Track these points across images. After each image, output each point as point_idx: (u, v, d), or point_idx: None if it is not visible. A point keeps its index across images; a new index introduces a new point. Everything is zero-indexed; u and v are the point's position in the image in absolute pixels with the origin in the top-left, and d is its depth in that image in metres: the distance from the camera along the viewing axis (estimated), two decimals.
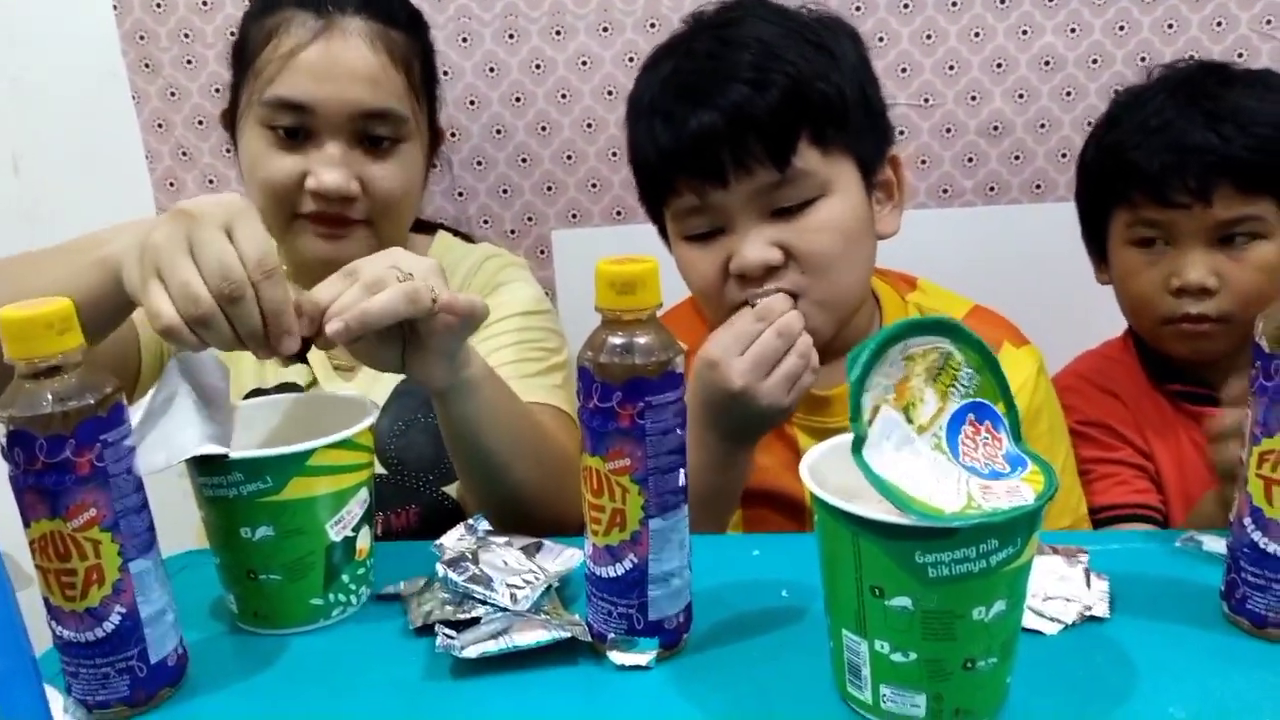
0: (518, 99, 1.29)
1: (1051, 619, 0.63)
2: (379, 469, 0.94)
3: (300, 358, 0.69)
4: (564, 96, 1.29)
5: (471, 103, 1.29)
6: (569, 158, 1.31)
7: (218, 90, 1.30)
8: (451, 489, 0.98)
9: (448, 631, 0.63)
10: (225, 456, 0.63)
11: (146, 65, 1.31)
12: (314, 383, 0.99)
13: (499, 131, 1.31)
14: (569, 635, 0.62)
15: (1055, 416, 0.97)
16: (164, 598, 0.60)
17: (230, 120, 1.00)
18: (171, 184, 1.35)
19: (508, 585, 0.66)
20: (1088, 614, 0.64)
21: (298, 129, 0.92)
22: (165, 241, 0.62)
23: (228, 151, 1.32)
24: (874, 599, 0.53)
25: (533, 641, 0.62)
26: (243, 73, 0.96)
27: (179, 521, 0.83)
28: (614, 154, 1.30)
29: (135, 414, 0.61)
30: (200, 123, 1.32)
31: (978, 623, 0.52)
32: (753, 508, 0.94)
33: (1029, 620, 0.63)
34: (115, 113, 1.33)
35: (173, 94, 1.31)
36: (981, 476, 0.54)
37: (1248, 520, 0.61)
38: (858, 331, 0.94)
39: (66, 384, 0.54)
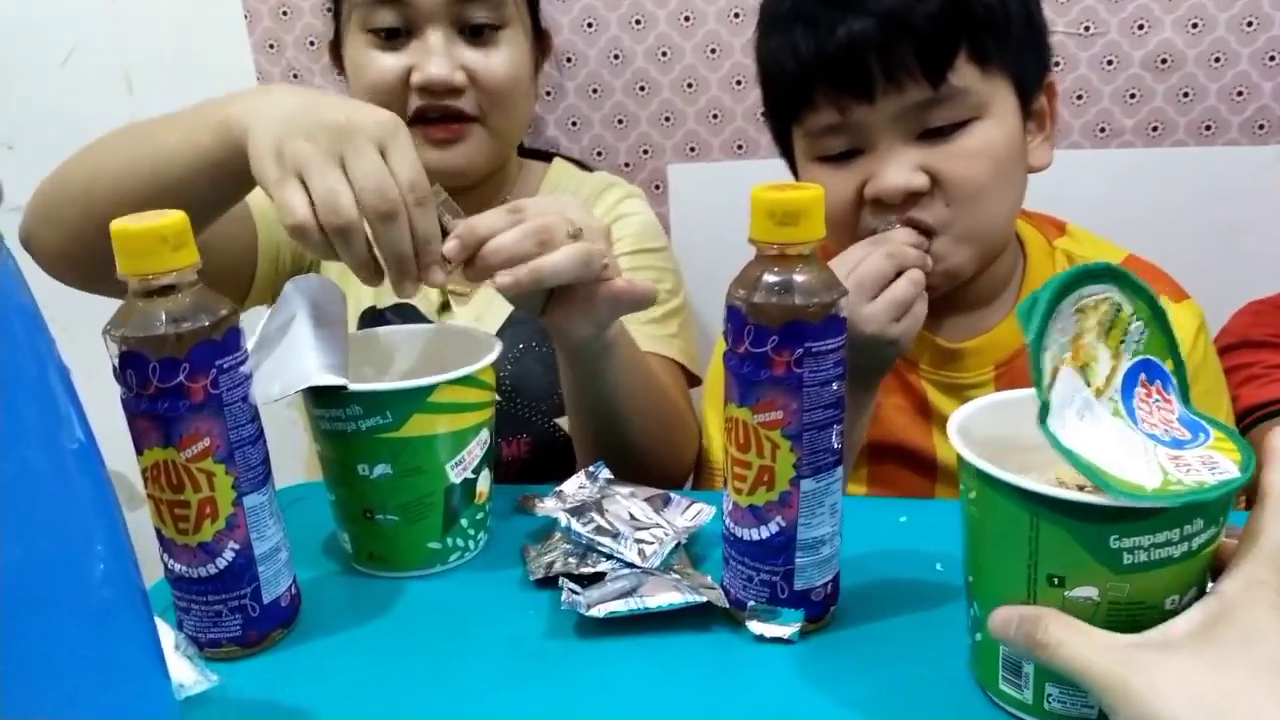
0: (637, 22, 1.22)
1: None
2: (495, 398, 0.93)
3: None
4: (687, 19, 1.21)
5: (589, 25, 1.22)
6: (689, 86, 1.24)
7: (329, 9, 1.26)
8: (563, 421, 0.94)
9: (572, 587, 0.58)
10: (344, 389, 0.59)
11: None
12: (445, 306, 0.97)
13: (616, 57, 1.24)
14: (704, 600, 0.57)
15: (1215, 378, 0.88)
16: (278, 535, 0.57)
17: (336, 49, 0.97)
18: None
19: (636, 540, 0.61)
20: None
21: (398, 28, 0.89)
22: (313, 147, 0.58)
23: (339, 75, 1.29)
24: (1051, 588, 0.46)
25: (665, 604, 0.57)
26: None
27: (285, 451, 0.80)
28: (738, 82, 1.22)
29: (249, 339, 0.57)
30: (312, 43, 1.28)
31: (1170, 613, 0.45)
32: (879, 463, 0.88)
33: None
34: (227, 33, 1.30)
35: (285, 13, 1.28)
36: (1164, 445, 0.47)
37: None
38: (998, 278, 0.86)
39: (181, 304, 0.51)
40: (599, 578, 0.60)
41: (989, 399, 0.55)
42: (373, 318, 0.96)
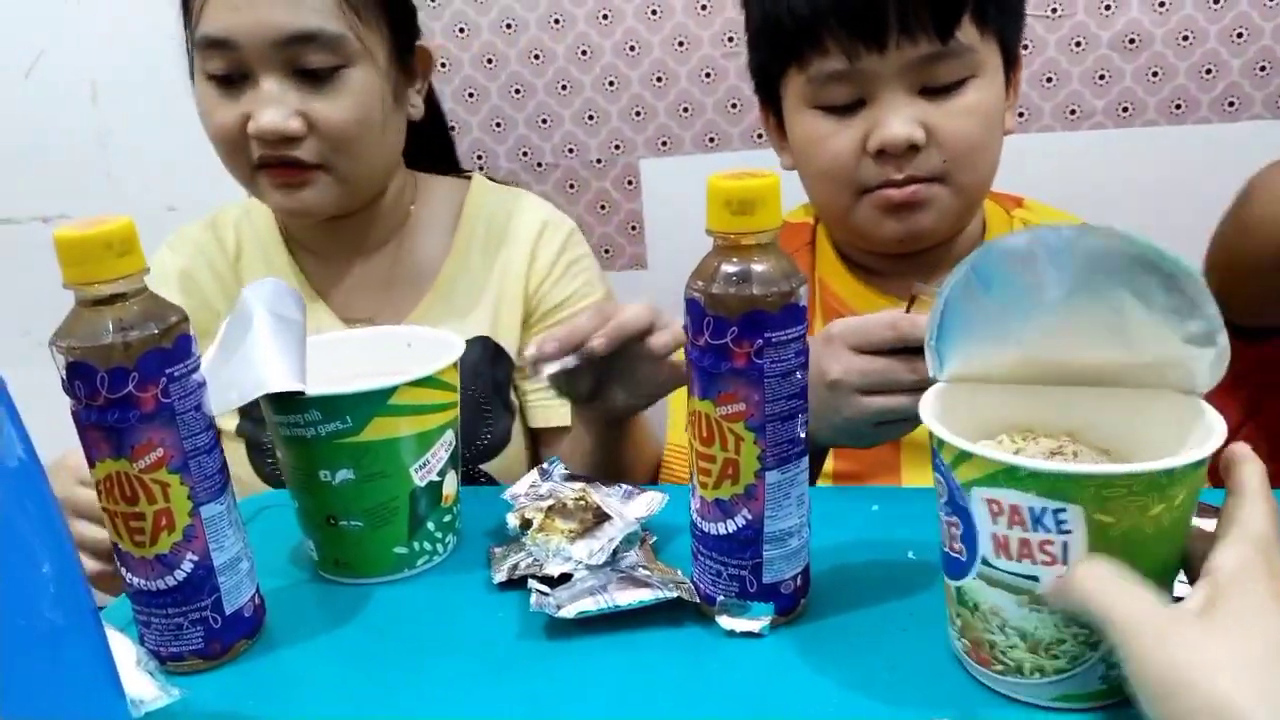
0: (604, 17, 1.21)
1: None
2: None
3: None
4: (654, 13, 1.20)
5: (555, 21, 1.22)
6: (659, 80, 1.23)
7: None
8: (488, 466, 0.94)
9: (541, 589, 0.58)
10: (301, 394, 0.58)
11: None
12: None
13: (585, 53, 1.23)
14: (675, 596, 0.56)
15: None
16: (238, 544, 0.56)
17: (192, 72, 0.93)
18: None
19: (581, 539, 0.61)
20: None
21: (231, 73, 0.84)
22: None
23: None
24: None
25: (634, 601, 0.56)
26: (187, 22, 0.89)
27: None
28: (707, 75, 1.22)
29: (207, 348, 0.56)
30: None
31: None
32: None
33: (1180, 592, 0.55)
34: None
35: None
36: None
37: None
38: (961, 246, 0.88)
39: (129, 312, 0.50)
40: (566, 578, 0.59)
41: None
42: None
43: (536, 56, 1.24)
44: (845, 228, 0.86)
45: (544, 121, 1.27)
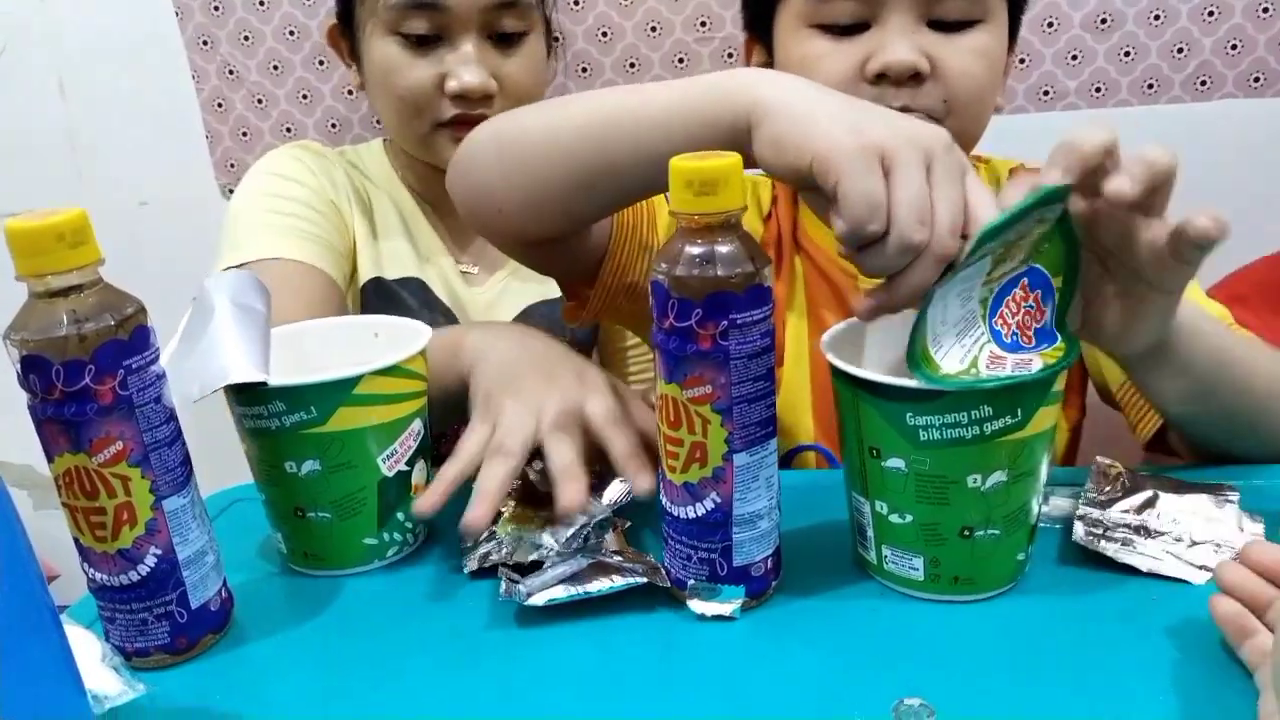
0: (576, 2, 1.20)
1: (1199, 567, 0.55)
2: None
3: None
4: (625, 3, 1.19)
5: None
6: (632, 65, 1.22)
7: (262, 3, 1.24)
8: None
9: (512, 576, 0.57)
10: (264, 384, 0.57)
11: None
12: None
13: (556, 40, 1.22)
14: (645, 581, 0.56)
15: None
16: (203, 538, 0.55)
17: (338, 37, 0.97)
18: (219, 104, 1.29)
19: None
20: None
21: (428, 35, 0.89)
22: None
23: (274, 68, 1.26)
24: (872, 460, 0.54)
25: (605, 588, 0.55)
26: None
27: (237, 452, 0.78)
28: (680, 60, 1.21)
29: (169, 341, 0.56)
30: (246, 38, 1.26)
31: (973, 490, 0.52)
32: (824, 390, 0.85)
33: (1172, 568, 0.55)
34: (159, 31, 1.27)
35: (216, 9, 1.25)
36: (999, 343, 0.53)
37: None
38: None
39: (84, 303, 0.49)
40: (537, 566, 0.59)
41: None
42: (376, 289, 0.96)
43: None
44: None
45: None
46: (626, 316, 0.81)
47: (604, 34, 1.21)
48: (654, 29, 1.20)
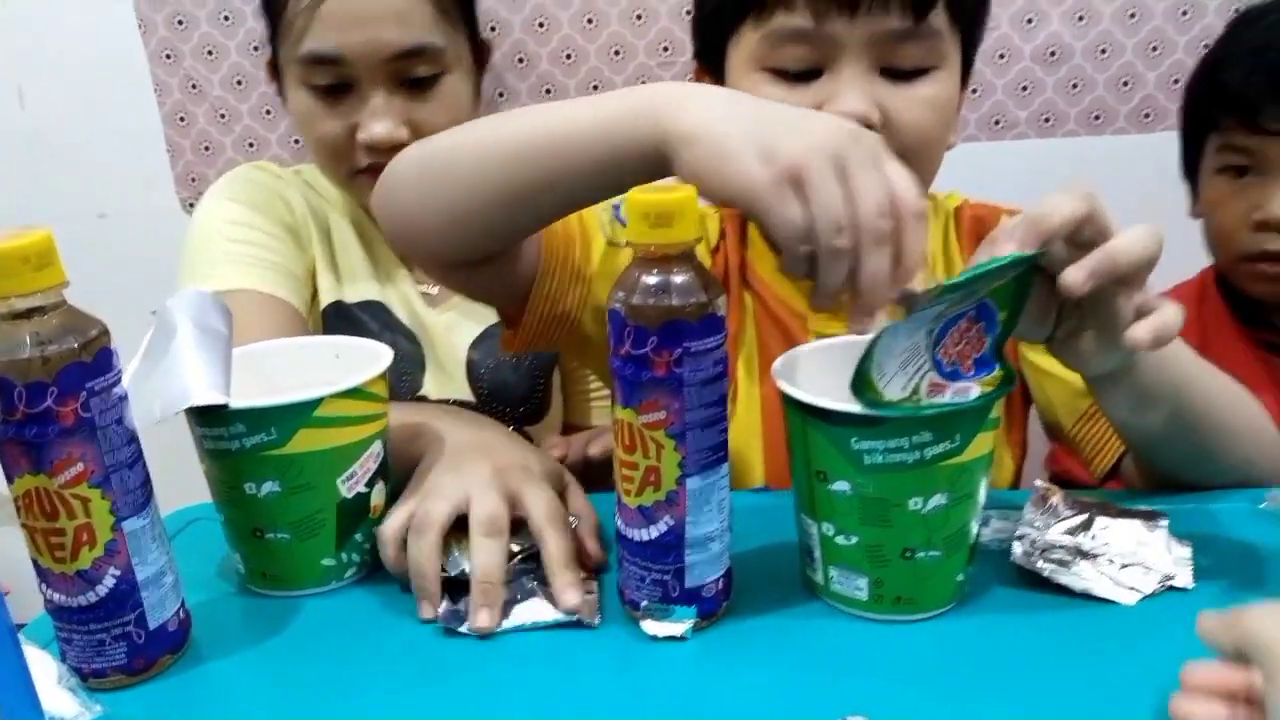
0: (541, 25, 1.22)
1: (1129, 588, 0.57)
2: (469, 398, 0.97)
3: None
4: (589, 22, 1.21)
5: (493, 29, 1.22)
6: (594, 88, 1.24)
7: (227, 18, 1.24)
8: (531, 429, 1.01)
9: (452, 596, 0.59)
10: (225, 406, 0.58)
11: None
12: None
13: (521, 61, 1.24)
14: (573, 619, 0.58)
15: None
16: (162, 558, 0.55)
17: (275, 71, 0.97)
18: (182, 118, 1.29)
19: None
20: (1168, 583, 0.58)
21: (336, 84, 0.89)
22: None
23: (238, 83, 1.26)
24: (820, 483, 0.56)
25: (528, 622, 0.58)
26: (276, 25, 0.92)
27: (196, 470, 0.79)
28: (642, 82, 1.23)
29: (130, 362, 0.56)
30: (210, 53, 1.26)
31: (914, 513, 0.54)
32: (775, 428, 0.85)
33: (1104, 589, 0.57)
34: (121, 44, 1.27)
35: (180, 22, 1.25)
36: (941, 373, 0.55)
37: None
38: None
39: (48, 325, 0.49)
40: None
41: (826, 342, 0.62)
42: (337, 313, 0.96)
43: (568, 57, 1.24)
44: None
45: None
46: (567, 348, 0.81)
47: (540, 25, 1.22)
48: (590, 21, 1.21)
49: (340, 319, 0.96)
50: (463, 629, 0.57)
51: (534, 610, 0.59)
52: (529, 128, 0.61)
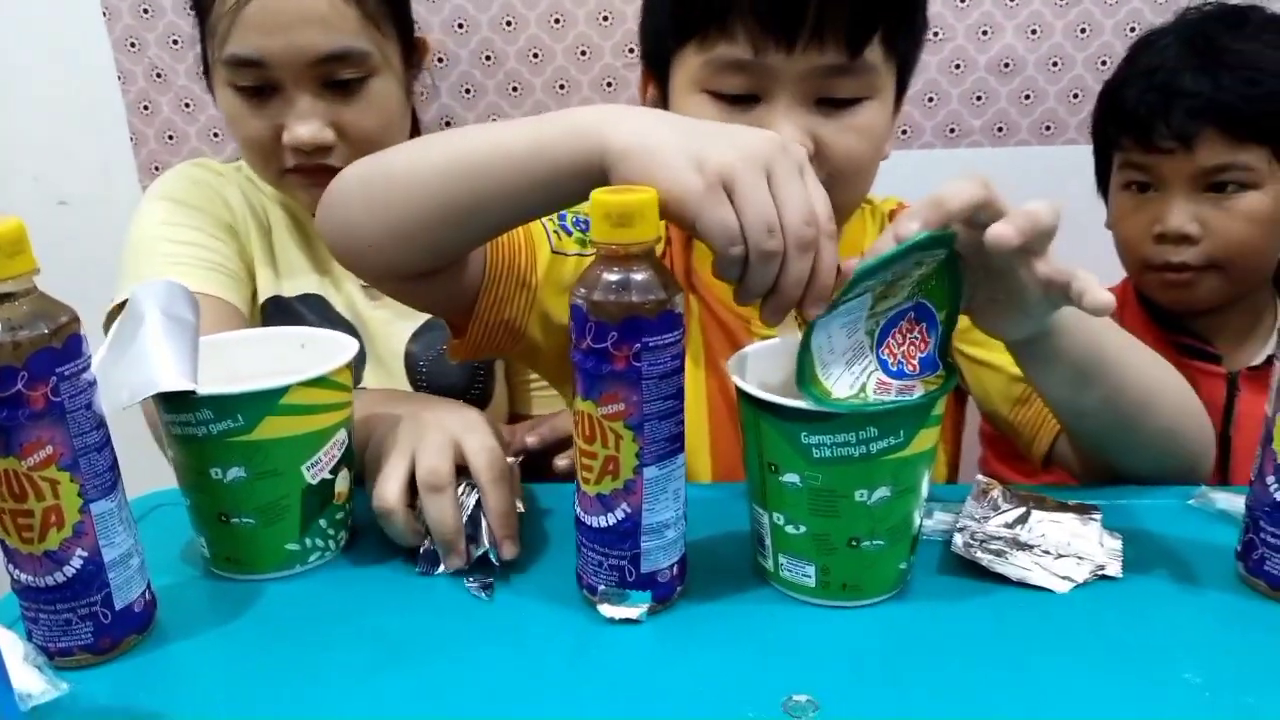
0: (508, 23, 1.23)
1: (1063, 577, 0.60)
2: (409, 389, 0.98)
3: None
4: (557, 21, 1.23)
5: (460, 26, 1.23)
6: (561, 87, 1.26)
7: (196, 32, 1.24)
8: None
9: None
10: (193, 393, 0.59)
11: None
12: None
13: (489, 58, 1.25)
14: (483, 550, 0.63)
15: None
16: (129, 540, 0.57)
17: (208, 73, 0.97)
18: (146, 107, 1.29)
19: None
20: (1100, 573, 0.61)
21: (262, 85, 0.89)
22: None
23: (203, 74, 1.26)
24: (771, 474, 0.58)
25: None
26: (203, 25, 0.92)
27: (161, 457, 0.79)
28: (608, 84, 1.25)
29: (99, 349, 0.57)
30: (175, 41, 1.26)
31: (860, 504, 0.57)
32: (721, 432, 0.87)
33: (1039, 578, 0.60)
34: (86, 32, 1.26)
35: (145, 11, 1.25)
36: (887, 372, 0.58)
37: (1270, 479, 0.58)
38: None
39: (18, 312, 0.50)
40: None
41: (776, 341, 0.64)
42: (275, 306, 0.96)
43: (441, 60, 1.25)
44: None
45: (447, 124, 1.29)
46: (513, 354, 0.82)
47: (508, 23, 1.24)
48: (557, 21, 1.23)
49: (279, 313, 0.96)
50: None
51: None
52: (471, 146, 0.63)
